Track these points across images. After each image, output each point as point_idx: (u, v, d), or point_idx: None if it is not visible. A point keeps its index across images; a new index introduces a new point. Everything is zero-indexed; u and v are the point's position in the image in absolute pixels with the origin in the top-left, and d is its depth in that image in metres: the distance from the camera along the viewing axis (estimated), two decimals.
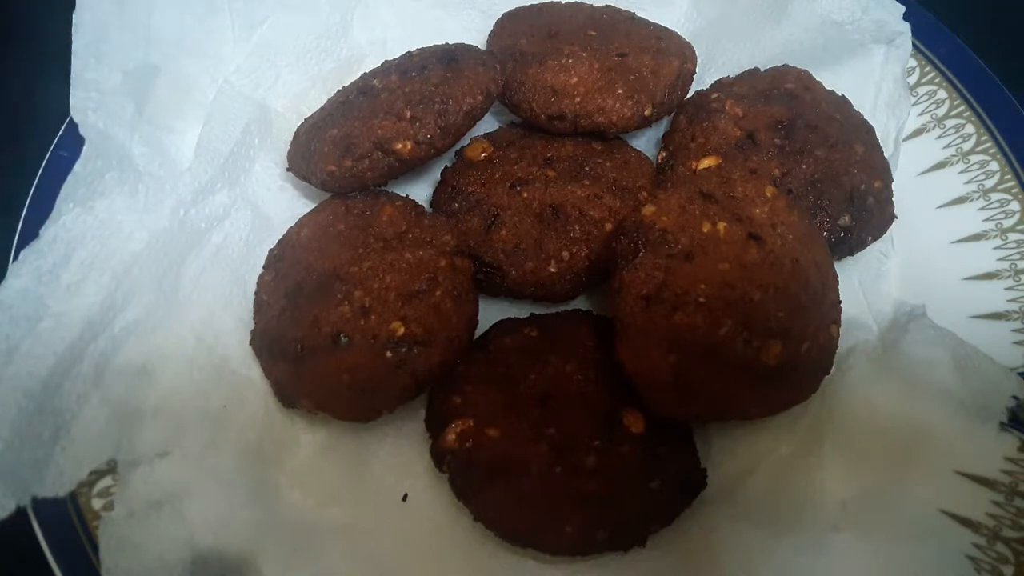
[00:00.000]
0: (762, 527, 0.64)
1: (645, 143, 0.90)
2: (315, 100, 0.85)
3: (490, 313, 0.77)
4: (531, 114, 0.80)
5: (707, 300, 0.63)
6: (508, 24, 0.87)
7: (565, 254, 0.75)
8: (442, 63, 0.77)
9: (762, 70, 0.85)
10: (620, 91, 0.78)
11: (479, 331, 0.75)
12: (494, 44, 0.85)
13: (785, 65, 0.85)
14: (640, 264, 0.64)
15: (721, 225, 0.67)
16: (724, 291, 0.64)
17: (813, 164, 0.77)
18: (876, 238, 0.78)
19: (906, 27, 0.84)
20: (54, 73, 0.77)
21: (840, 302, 0.72)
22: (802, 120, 0.79)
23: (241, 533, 0.65)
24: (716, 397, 0.64)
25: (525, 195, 0.77)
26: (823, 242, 0.73)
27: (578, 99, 0.78)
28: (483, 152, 0.82)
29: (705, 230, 0.66)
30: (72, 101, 0.74)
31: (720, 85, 0.85)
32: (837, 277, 0.72)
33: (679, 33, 0.88)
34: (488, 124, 0.86)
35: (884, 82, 0.85)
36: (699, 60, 0.86)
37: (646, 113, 0.79)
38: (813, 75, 0.85)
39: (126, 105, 0.77)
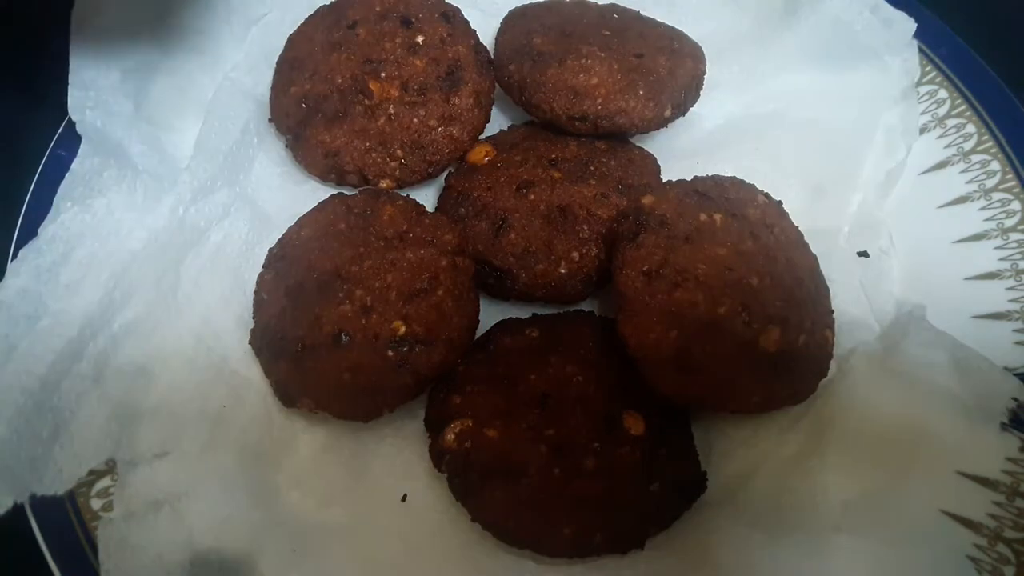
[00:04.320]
0: (763, 529, 0.64)
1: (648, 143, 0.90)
2: None
3: (491, 313, 0.77)
4: (551, 115, 0.80)
5: (707, 279, 0.64)
6: (518, 22, 0.87)
7: (575, 255, 0.75)
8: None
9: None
10: (641, 92, 0.78)
11: (480, 331, 0.74)
12: (505, 42, 0.85)
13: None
14: (642, 242, 0.66)
15: (717, 216, 0.68)
16: (723, 272, 0.65)
17: None
18: None
19: (914, 26, 0.84)
20: (53, 72, 0.76)
21: (833, 312, 0.73)
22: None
23: (240, 533, 0.65)
24: (717, 378, 0.65)
25: (532, 197, 0.77)
26: (813, 254, 0.74)
27: (599, 100, 0.78)
28: (486, 156, 0.82)
29: (702, 218, 0.68)
30: (70, 99, 0.74)
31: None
32: (829, 289, 0.73)
33: (687, 34, 0.88)
34: (489, 127, 0.86)
35: (893, 90, 0.84)
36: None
37: (666, 114, 0.79)
38: (822, 80, 0.85)
39: (124, 103, 0.77)
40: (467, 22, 0.85)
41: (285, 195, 0.84)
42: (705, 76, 0.84)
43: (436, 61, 0.81)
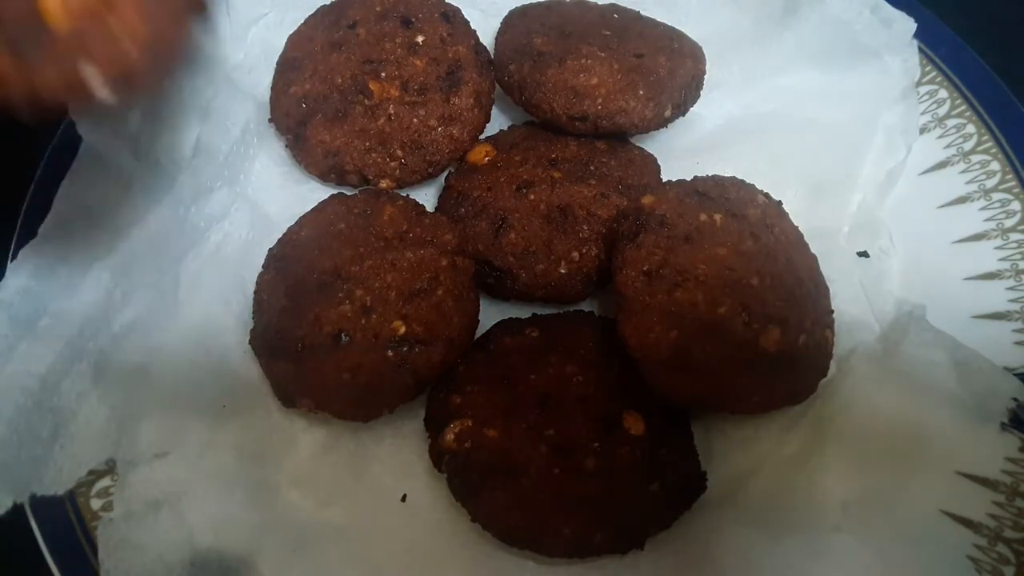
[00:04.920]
0: (763, 529, 0.64)
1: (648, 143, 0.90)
2: None
3: (491, 313, 0.77)
4: (551, 115, 0.80)
5: (707, 279, 0.65)
6: (518, 22, 0.87)
7: (575, 255, 0.75)
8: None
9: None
10: (641, 92, 0.78)
11: (480, 331, 0.74)
12: (506, 42, 0.85)
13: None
14: (642, 242, 0.66)
15: (717, 216, 0.69)
16: (723, 272, 0.65)
17: None
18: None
19: (914, 26, 0.84)
20: None
21: (832, 311, 0.73)
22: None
23: (240, 533, 0.65)
24: (717, 378, 0.65)
25: (532, 197, 0.77)
26: (813, 254, 0.74)
27: (600, 100, 0.78)
28: (486, 156, 0.82)
29: (702, 218, 0.68)
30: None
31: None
32: (828, 289, 0.73)
33: (687, 34, 0.88)
34: (489, 127, 0.86)
35: (893, 90, 0.84)
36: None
37: (666, 115, 0.80)
38: (822, 80, 0.85)
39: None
40: (467, 22, 0.85)
41: (285, 195, 0.84)
42: (705, 76, 0.84)
43: (436, 61, 0.81)
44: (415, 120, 0.80)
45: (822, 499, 0.65)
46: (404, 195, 0.78)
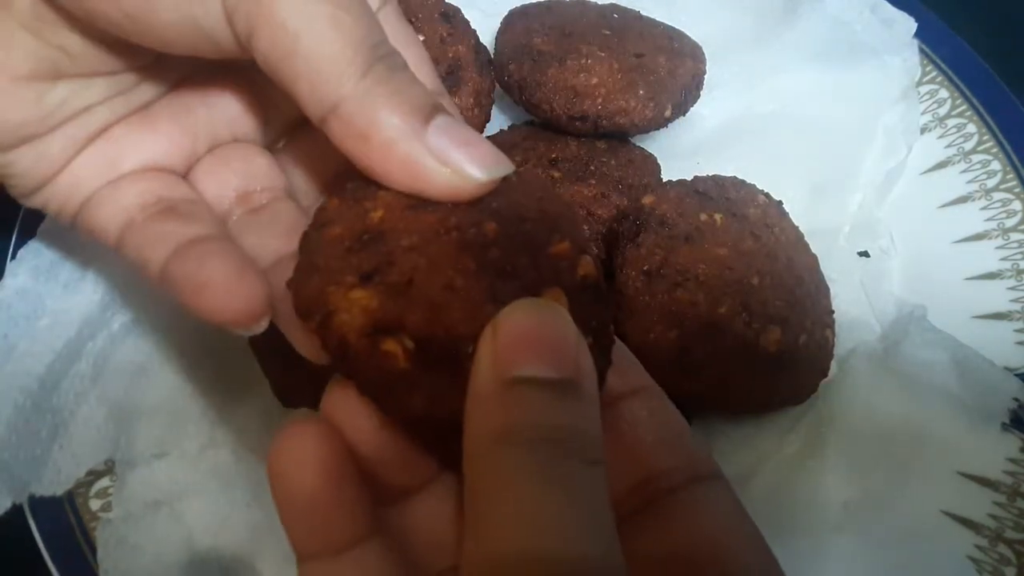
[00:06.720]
0: (763, 529, 0.64)
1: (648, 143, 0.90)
2: None
3: None
4: (551, 115, 0.80)
5: (707, 279, 0.65)
6: (518, 22, 0.87)
7: None
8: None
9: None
10: (641, 92, 0.78)
11: None
12: (506, 42, 0.85)
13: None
14: (642, 242, 0.66)
15: (718, 216, 0.68)
16: (724, 272, 0.65)
17: None
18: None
19: (914, 25, 0.84)
20: None
21: (833, 311, 0.73)
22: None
23: (240, 533, 0.65)
24: (717, 378, 0.65)
25: None
26: (813, 254, 0.74)
27: (599, 100, 0.78)
28: None
29: (702, 218, 0.68)
30: None
31: None
32: (829, 289, 0.73)
33: (687, 34, 0.88)
34: (489, 127, 0.86)
35: (893, 90, 0.84)
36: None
37: (666, 115, 0.79)
38: (822, 80, 0.85)
39: None
40: (467, 22, 0.85)
41: None
42: (705, 76, 0.84)
43: (436, 61, 0.81)
44: None
45: (823, 499, 0.65)
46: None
